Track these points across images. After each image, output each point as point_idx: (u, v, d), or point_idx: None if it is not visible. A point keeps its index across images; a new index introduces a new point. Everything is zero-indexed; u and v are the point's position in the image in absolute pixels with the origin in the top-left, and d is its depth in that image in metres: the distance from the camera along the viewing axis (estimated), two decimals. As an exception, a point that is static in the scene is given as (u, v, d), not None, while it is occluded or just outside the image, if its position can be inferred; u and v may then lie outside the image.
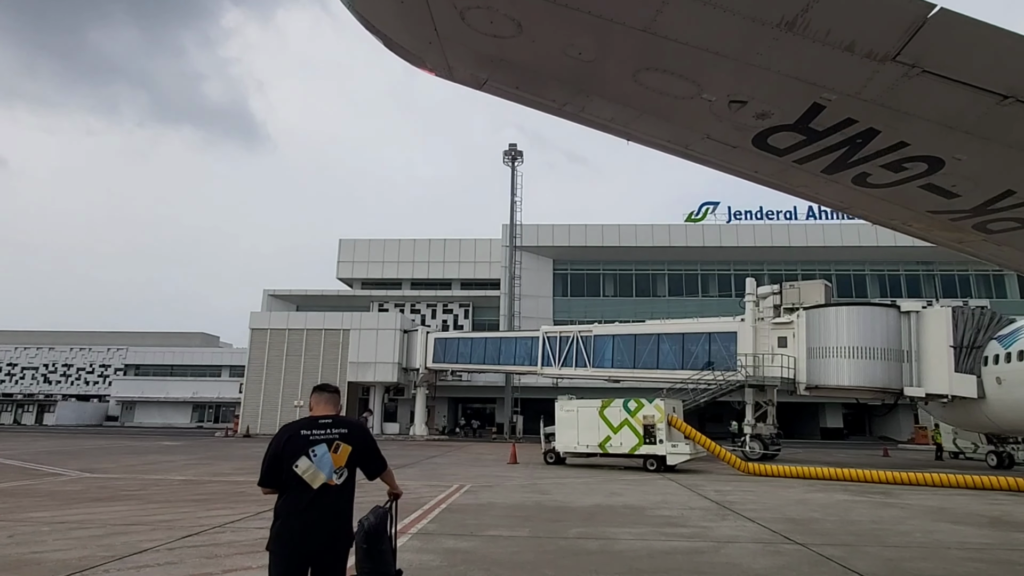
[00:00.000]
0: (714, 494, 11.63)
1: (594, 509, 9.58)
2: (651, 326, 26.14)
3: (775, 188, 5.31)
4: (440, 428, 40.92)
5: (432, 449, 25.66)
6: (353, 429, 3.12)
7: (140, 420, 56.74)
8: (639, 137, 4.61)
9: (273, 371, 37.70)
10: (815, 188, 5.20)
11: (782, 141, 4.42)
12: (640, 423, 16.31)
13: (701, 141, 4.52)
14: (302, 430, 3.01)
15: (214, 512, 8.76)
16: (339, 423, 3.10)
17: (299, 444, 2.95)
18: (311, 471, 2.90)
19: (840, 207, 5.61)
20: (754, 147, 4.53)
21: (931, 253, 42.18)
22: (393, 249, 49.07)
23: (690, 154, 4.76)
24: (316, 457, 2.92)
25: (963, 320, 18.16)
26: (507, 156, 42.50)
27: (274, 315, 40.45)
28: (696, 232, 43.38)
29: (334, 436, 3.01)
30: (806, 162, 4.72)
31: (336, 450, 2.98)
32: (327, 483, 2.91)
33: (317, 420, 3.09)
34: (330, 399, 3.24)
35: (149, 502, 9.78)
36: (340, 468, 2.97)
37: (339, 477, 2.95)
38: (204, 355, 61.16)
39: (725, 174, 5.08)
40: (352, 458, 3.03)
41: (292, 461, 2.91)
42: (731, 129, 4.32)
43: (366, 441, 3.17)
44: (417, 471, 15.76)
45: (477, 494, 11.19)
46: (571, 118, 4.43)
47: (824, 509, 9.94)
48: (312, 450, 2.94)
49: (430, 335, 36.54)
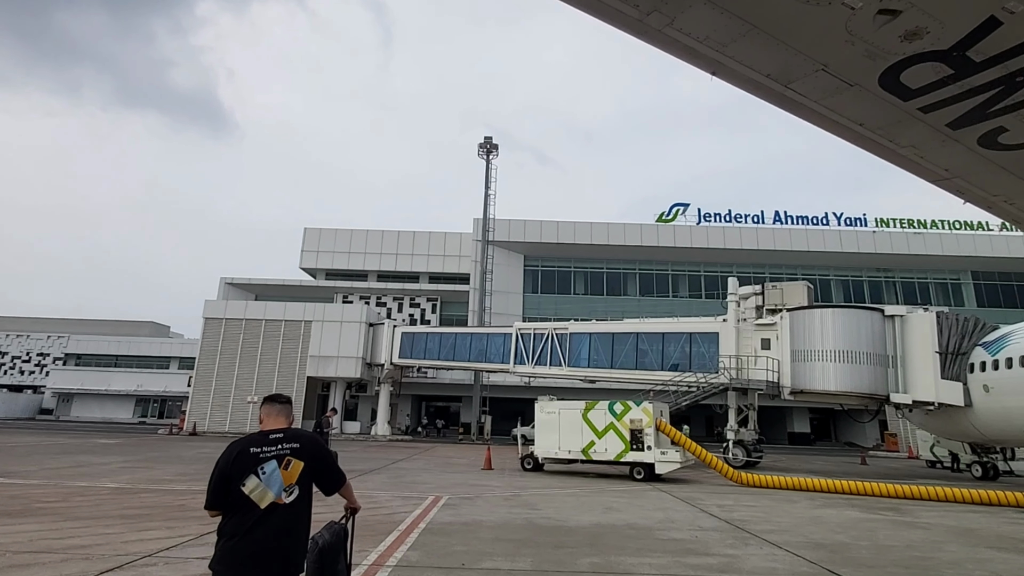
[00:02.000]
0: (718, 510, 10.63)
1: (595, 530, 8.37)
2: (630, 325, 25.27)
3: (868, 147, 4.17)
4: (403, 428, 39.13)
5: (396, 451, 24.01)
6: (305, 443, 2.92)
7: (77, 414, 52.37)
8: (731, 67, 3.41)
9: (226, 364, 34.99)
10: (923, 150, 4.11)
11: (919, 77, 3.30)
12: (627, 427, 15.27)
13: (811, 76, 3.36)
14: (251, 447, 2.82)
15: (147, 534, 7.11)
16: (291, 437, 2.90)
17: (247, 462, 2.77)
18: (259, 490, 2.73)
19: (938, 177, 4.53)
20: (879, 85, 3.40)
21: (891, 260, 43.40)
22: (360, 240, 46.81)
23: (786, 95, 3.58)
24: (265, 475, 2.75)
25: (948, 325, 17.96)
26: (482, 149, 41.08)
27: (230, 304, 37.62)
28: (667, 232, 43.15)
29: (285, 452, 2.83)
30: (934, 110, 3.62)
31: (287, 467, 2.81)
32: (276, 501, 2.74)
33: (267, 435, 2.88)
34: (282, 411, 3.03)
35: (68, 518, 7.98)
36: (291, 486, 2.79)
37: (289, 495, 2.78)
38: (152, 345, 56.96)
39: (814, 125, 3.93)
40: (305, 474, 2.85)
41: (240, 481, 2.73)
42: (861, 56, 3.17)
43: (320, 455, 2.96)
44: (385, 479, 14.21)
45: (458, 509, 9.80)
46: (650, 36, 3.25)
47: (845, 530, 9.05)
48: (261, 467, 2.76)
49: (397, 329, 34.71)
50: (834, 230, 43.08)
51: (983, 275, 43.55)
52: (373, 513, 9.08)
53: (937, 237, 42.24)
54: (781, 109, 3.59)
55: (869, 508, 11.46)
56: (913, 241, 42.35)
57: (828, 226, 43.27)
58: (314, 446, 2.94)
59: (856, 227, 43.27)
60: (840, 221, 43.44)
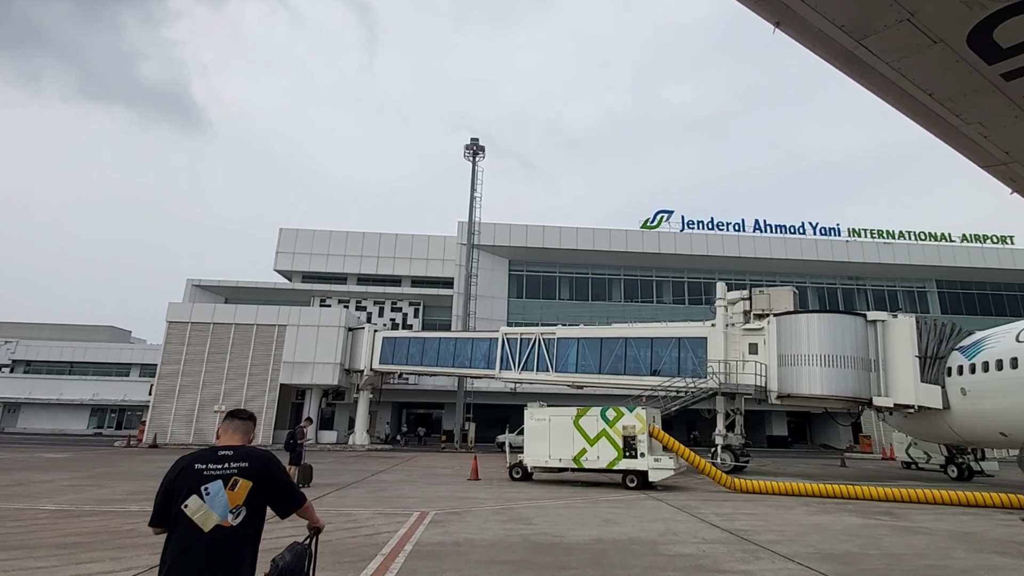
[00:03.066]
0: (717, 519, 10.26)
1: (597, 547, 7.87)
2: (618, 330, 24.99)
3: (928, 123, 3.68)
4: (383, 436, 38.07)
5: (376, 462, 23.13)
6: (256, 462, 2.78)
7: (25, 425, 49.00)
8: (801, 14, 2.99)
9: (191, 370, 33.43)
10: (992, 127, 3.73)
11: (1015, 33, 2.92)
12: (620, 434, 14.86)
13: (892, 28, 2.93)
14: (197, 463, 2.69)
15: (86, 567, 6.29)
16: (241, 455, 2.77)
17: (191, 479, 2.63)
18: (202, 512, 2.56)
19: (995, 161, 4.15)
20: (966, 44, 3.02)
21: (862, 269, 44.41)
22: (339, 241, 45.69)
23: (856, 54, 3.16)
24: (209, 495, 2.60)
25: (927, 330, 18.14)
26: (468, 150, 40.52)
27: (197, 307, 36.05)
28: (652, 239, 43.36)
29: (232, 471, 2.69)
30: (1019, 76, 3.25)
31: (233, 487, 2.65)
32: (221, 524, 2.58)
33: (216, 452, 2.76)
34: (240, 427, 2.93)
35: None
36: (238, 507, 2.63)
37: (236, 517, 2.62)
38: (111, 351, 54.05)
39: (874, 93, 3.50)
40: (254, 495, 2.70)
41: (182, 500, 2.58)
42: (957, 3, 2.76)
43: (272, 475, 2.80)
44: (364, 492, 13.46)
45: (446, 526, 9.19)
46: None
47: (850, 538, 8.75)
48: (205, 487, 2.61)
49: (378, 334, 33.77)
50: (811, 239, 43.93)
51: (947, 284, 44.87)
52: (352, 534, 8.41)
53: (905, 247, 43.43)
54: (844, 73, 3.18)
55: (864, 513, 11.26)
56: (883, 250, 43.44)
57: (805, 235, 44.14)
58: (265, 465, 2.79)
59: (831, 236, 44.22)
60: (816, 231, 44.38)
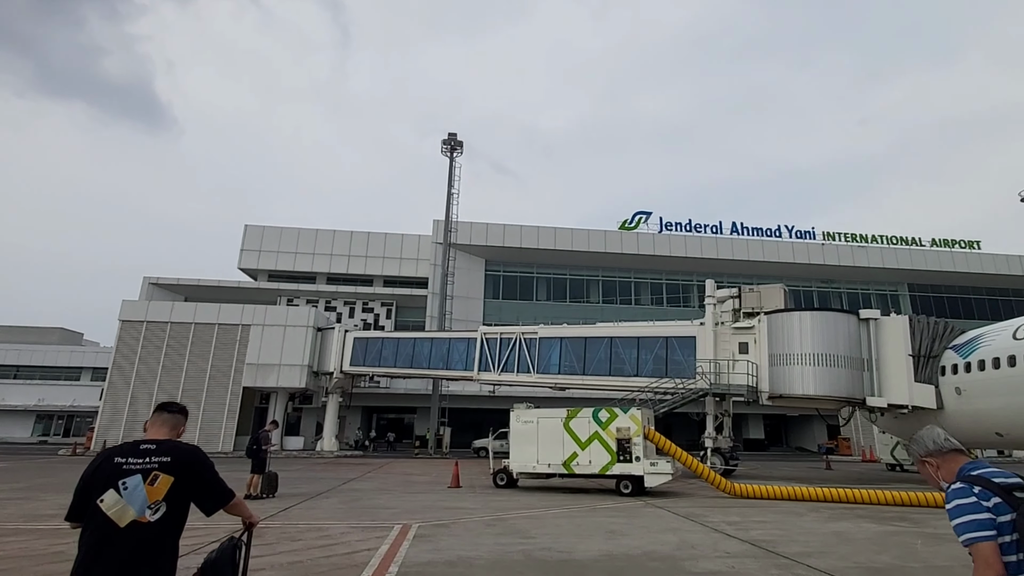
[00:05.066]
0: (730, 528, 9.37)
1: (609, 564, 6.84)
2: (603, 329, 24.14)
3: None
4: (353, 442, 36.27)
5: (347, 468, 21.59)
6: (180, 457, 2.62)
7: (-39, 434, 45.51)
8: None
9: (146, 373, 31.04)
10: None
11: None
12: (613, 437, 13.90)
13: None
14: (117, 457, 2.57)
15: None
16: (165, 449, 2.62)
17: (109, 473, 2.51)
18: (118, 507, 2.45)
19: None
20: None
21: (836, 272, 45.09)
22: (308, 240, 43.69)
23: None
24: (126, 490, 2.48)
25: (920, 329, 17.90)
26: (445, 146, 39.28)
27: (153, 305, 33.58)
28: (631, 240, 42.96)
29: (152, 465, 2.55)
30: None
31: (153, 482, 2.52)
32: (138, 520, 2.46)
33: (139, 445, 2.61)
34: (168, 420, 2.81)
35: None
36: (157, 502, 2.50)
37: (154, 513, 2.49)
38: (60, 354, 50.55)
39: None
40: (176, 491, 2.55)
41: (99, 493, 2.46)
42: None
43: (196, 470, 2.65)
44: (337, 503, 12.10)
45: (435, 542, 8.00)
46: None
47: (883, 548, 7.96)
48: (123, 482, 2.49)
49: (349, 334, 32.11)
50: (787, 242, 44.33)
51: (918, 287, 45.94)
52: (326, 553, 7.17)
53: (878, 251, 44.27)
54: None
55: (879, 519, 10.58)
56: (857, 254, 44.17)
57: (781, 238, 44.48)
58: (189, 460, 2.67)
59: (807, 240, 44.74)
60: (792, 234, 44.80)
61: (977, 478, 2.00)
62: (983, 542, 1.86)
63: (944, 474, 2.16)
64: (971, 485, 1.98)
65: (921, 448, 2.26)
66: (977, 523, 1.89)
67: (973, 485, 1.97)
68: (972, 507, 1.92)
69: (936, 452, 2.20)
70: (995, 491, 1.93)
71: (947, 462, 2.17)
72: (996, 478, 1.98)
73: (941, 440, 2.22)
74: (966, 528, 1.91)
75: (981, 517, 1.89)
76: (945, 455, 2.19)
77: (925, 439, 2.26)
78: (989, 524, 1.88)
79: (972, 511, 1.91)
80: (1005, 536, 1.86)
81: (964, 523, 1.91)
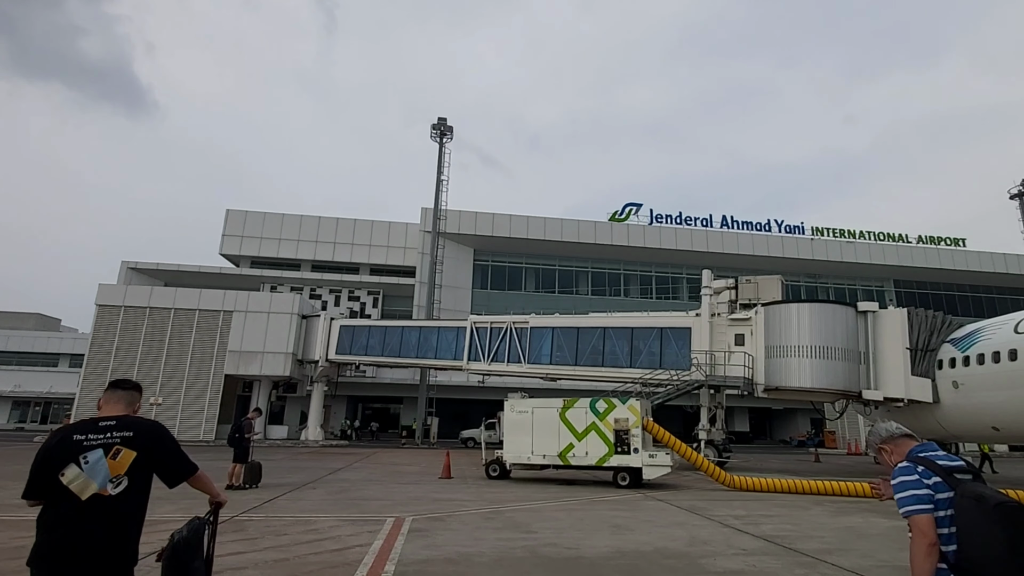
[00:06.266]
0: (738, 523, 9.01)
1: (622, 561, 6.39)
2: (596, 319, 23.71)
3: None
4: (341, 431, 35.59)
5: (333, 458, 20.95)
6: (141, 431, 2.62)
7: (-66, 420, 43.86)
8: None
9: (125, 359, 29.92)
10: None
11: None
12: (611, 428, 13.50)
13: None
14: (76, 434, 2.54)
15: None
16: (124, 425, 2.60)
17: (68, 449, 2.49)
18: (80, 480, 2.44)
19: None
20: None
21: (824, 267, 45.31)
22: (292, 226, 42.53)
23: None
24: (88, 464, 2.47)
25: (918, 322, 17.77)
26: (435, 130, 38.35)
27: (131, 289, 32.33)
28: (621, 231, 42.60)
29: (114, 440, 2.54)
30: None
31: (115, 456, 2.51)
32: (100, 493, 2.46)
33: (97, 422, 2.60)
34: (124, 397, 2.77)
35: None
36: (119, 476, 2.50)
37: (116, 487, 2.49)
38: (37, 340, 48.99)
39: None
40: (138, 464, 2.55)
41: (59, 469, 2.45)
42: None
43: (158, 444, 2.65)
44: (324, 494, 11.50)
45: (431, 536, 7.48)
46: None
47: (895, 542, 7.63)
48: (84, 456, 2.48)
49: (335, 322, 31.29)
50: (776, 236, 44.36)
51: (903, 283, 46.42)
52: (315, 549, 6.61)
53: (866, 246, 44.53)
54: None
55: (887, 513, 10.30)
56: (845, 249, 44.40)
57: (770, 232, 44.50)
58: (151, 434, 2.64)
59: (796, 234, 44.82)
60: (781, 228, 44.84)
61: (922, 459, 2.19)
62: (921, 515, 2.07)
63: (896, 457, 2.34)
64: (915, 464, 2.17)
65: (877, 437, 2.47)
66: (916, 498, 2.08)
67: (917, 465, 2.17)
68: (914, 484, 2.12)
69: (889, 439, 2.41)
70: (937, 471, 2.12)
71: (899, 446, 2.37)
72: (940, 460, 2.16)
73: (893, 428, 2.44)
74: (907, 502, 2.11)
75: (921, 493, 2.09)
76: (897, 440, 2.39)
77: (880, 429, 2.49)
78: (927, 499, 2.07)
79: (913, 487, 2.11)
80: (941, 511, 2.06)
81: (905, 497, 2.11)
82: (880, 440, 2.44)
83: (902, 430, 2.42)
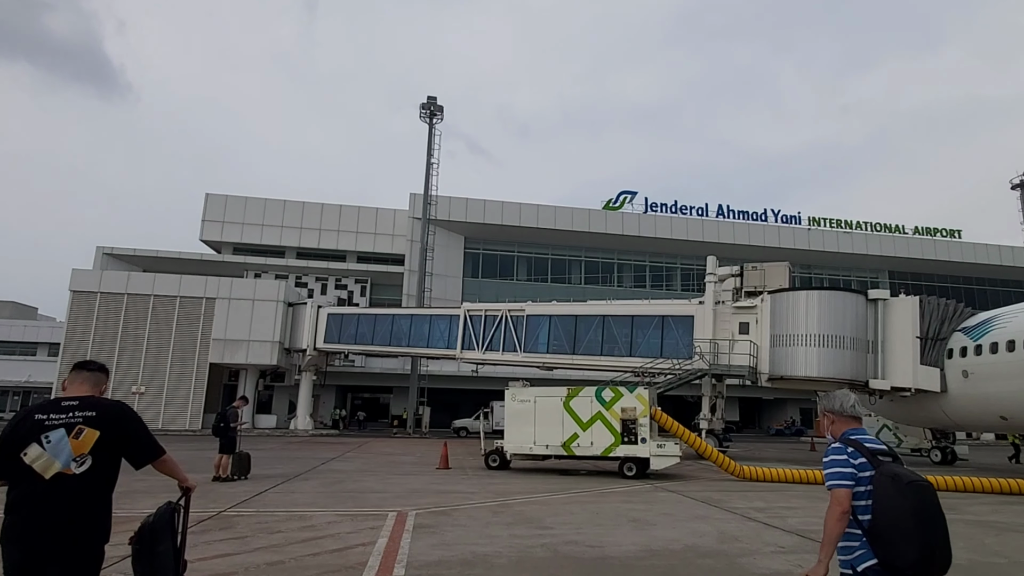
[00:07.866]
0: (760, 515, 8.49)
1: (657, 563, 5.79)
2: (595, 307, 23.12)
3: None
4: (331, 420, 34.78)
5: (324, 448, 20.20)
6: (105, 411, 2.61)
7: (-95, 411, 42.01)
8: None
9: (103, 347, 28.68)
10: None
11: None
12: (617, 417, 12.94)
13: None
14: (37, 414, 2.55)
15: None
16: (88, 405, 2.61)
17: (30, 429, 2.49)
18: (43, 459, 2.44)
19: None
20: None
21: (820, 257, 45.25)
22: (276, 211, 41.18)
23: None
24: (50, 444, 2.47)
25: (929, 311, 17.40)
26: (424, 111, 37.17)
27: (107, 275, 31.02)
28: (615, 220, 41.98)
29: (77, 420, 2.54)
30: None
31: (78, 436, 2.51)
32: (63, 472, 2.45)
33: (60, 402, 2.61)
34: (89, 378, 2.77)
35: None
36: (82, 455, 2.50)
37: (79, 466, 2.49)
38: (13, 329, 47.36)
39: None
40: (102, 444, 2.54)
41: (21, 448, 2.45)
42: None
43: (123, 424, 2.64)
44: (318, 486, 10.79)
45: (440, 534, 6.82)
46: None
47: (944, 539, 7.13)
48: (46, 435, 2.48)
49: (322, 310, 30.35)
50: (773, 226, 44.09)
51: (898, 275, 46.56)
52: (313, 549, 5.92)
53: (862, 237, 44.47)
54: None
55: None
56: (842, 240, 44.32)
57: (767, 222, 44.23)
58: (114, 414, 2.63)
59: (792, 224, 44.60)
60: (777, 218, 44.59)
61: (853, 441, 2.42)
62: (841, 488, 2.35)
63: (834, 431, 2.55)
64: (846, 446, 2.42)
65: (829, 404, 2.61)
66: (840, 474, 2.36)
67: (848, 446, 2.42)
68: (842, 462, 2.38)
69: (839, 413, 2.56)
70: (863, 453, 2.37)
71: (841, 424, 2.54)
72: (867, 443, 2.42)
73: (848, 406, 2.56)
74: (832, 476, 2.38)
75: (845, 470, 2.36)
76: (844, 418, 2.55)
77: (838, 398, 2.60)
78: (850, 476, 2.35)
79: (841, 465, 2.38)
80: (862, 487, 2.33)
81: (832, 472, 2.39)
82: (830, 408, 2.58)
83: (855, 411, 2.54)
